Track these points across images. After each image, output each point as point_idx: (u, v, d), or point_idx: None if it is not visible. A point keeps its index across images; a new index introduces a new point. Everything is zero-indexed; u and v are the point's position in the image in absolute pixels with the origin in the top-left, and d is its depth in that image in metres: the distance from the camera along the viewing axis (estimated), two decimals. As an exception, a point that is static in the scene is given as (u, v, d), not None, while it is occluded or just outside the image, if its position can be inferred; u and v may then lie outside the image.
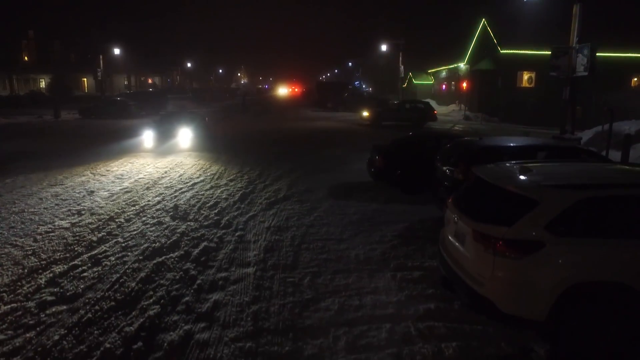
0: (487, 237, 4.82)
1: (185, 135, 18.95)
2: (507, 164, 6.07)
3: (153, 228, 8.84)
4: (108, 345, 4.98)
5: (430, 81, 57.65)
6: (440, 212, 9.20)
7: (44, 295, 6.12)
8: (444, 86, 52.46)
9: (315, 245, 8.03)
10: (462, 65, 44.87)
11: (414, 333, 5.27)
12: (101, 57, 37.19)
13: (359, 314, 5.71)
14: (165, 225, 8.98)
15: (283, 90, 68.82)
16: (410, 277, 6.75)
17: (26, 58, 52.58)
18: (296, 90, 75.51)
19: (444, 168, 9.00)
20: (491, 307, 4.79)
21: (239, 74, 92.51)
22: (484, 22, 40.95)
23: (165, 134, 18.88)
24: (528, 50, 36.22)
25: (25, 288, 6.32)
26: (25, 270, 6.89)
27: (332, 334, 5.23)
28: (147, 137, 18.69)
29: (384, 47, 44.79)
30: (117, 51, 42.72)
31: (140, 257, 7.41)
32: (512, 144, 8.90)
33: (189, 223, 9.17)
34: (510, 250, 4.66)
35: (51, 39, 51.81)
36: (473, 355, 4.85)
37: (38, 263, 7.17)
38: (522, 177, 5.25)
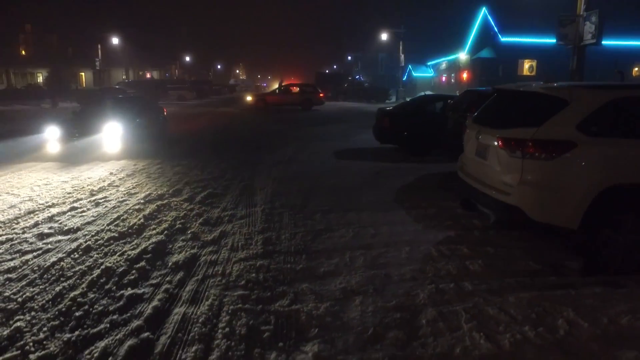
0: (515, 141, 4.51)
1: (112, 137, 11.19)
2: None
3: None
4: (109, 265, 4.66)
5: (429, 74, 57.36)
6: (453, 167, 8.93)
7: (41, 229, 5.80)
8: (443, 78, 52.14)
9: (325, 192, 7.70)
10: (462, 55, 44.58)
11: (436, 254, 4.96)
12: (99, 46, 36.81)
13: (375, 240, 5.40)
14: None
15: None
16: (426, 213, 6.44)
17: (23, 52, 52.16)
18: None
19: (456, 116, 8.70)
20: (520, 215, 4.48)
21: (237, 71, 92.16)
22: (484, 10, 40.70)
23: (79, 134, 11.43)
24: (529, 38, 35.96)
25: (21, 224, 5.99)
26: (22, 212, 6.57)
27: (348, 255, 4.92)
28: (50, 137, 11.48)
29: (384, 37, 44.42)
30: (115, 41, 42.42)
31: (142, 201, 7.09)
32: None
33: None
34: (540, 151, 4.35)
35: (49, 33, 51.46)
36: (499, 271, 4.53)
37: (35, 206, 6.84)
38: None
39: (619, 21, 33.09)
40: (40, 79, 51.20)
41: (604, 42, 15.37)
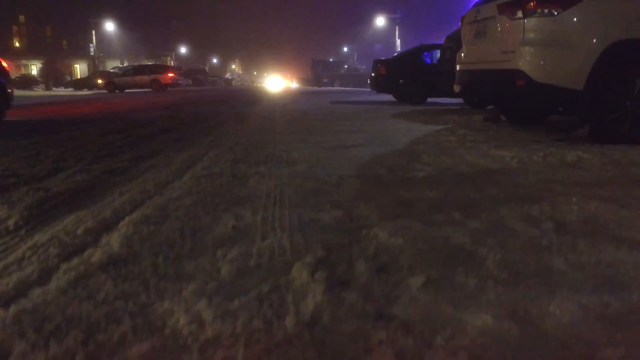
0: (515, 3, 4.30)
1: None
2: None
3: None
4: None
5: (426, 63, 57.21)
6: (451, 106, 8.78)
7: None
8: (440, 66, 51.98)
9: (320, 115, 7.49)
10: (458, 41, 44.42)
11: (434, 133, 4.76)
12: (93, 32, 36.52)
13: (371, 128, 5.20)
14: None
15: (275, 81, 47.79)
16: (424, 120, 6.25)
17: (17, 44, 51.85)
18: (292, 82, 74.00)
19: (452, 44, 8.50)
20: (523, 79, 4.25)
21: (233, 66, 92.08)
22: (479, -6, 40.59)
23: None
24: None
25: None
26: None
27: (344, 135, 4.69)
28: None
29: (380, 24, 44.36)
30: (109, 28, 42.17)
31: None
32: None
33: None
34: (542, 6, 4.13)
35: (43, 25, 51.15)
36: (503, 140, 4.31)
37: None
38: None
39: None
40: (34, 71, 50.89)
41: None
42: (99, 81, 30.33)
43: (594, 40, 4.06)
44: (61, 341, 0.99)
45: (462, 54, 5.51)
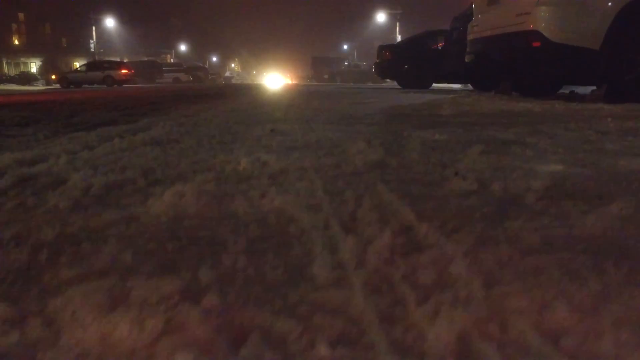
0: (533, -38, 4.27)
1: None
2: None
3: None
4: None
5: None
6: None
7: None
8: (440, 64, 51.95)
9: (325, 95, 7.46)
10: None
11: (447, 98, 4.71)
12: (94, 28, 36.49)
13: (380, 98, 5.17)
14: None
15: (274, 78, 48.50)
16: (428, 93, 6.22)
17: (16, 41, 51.77)
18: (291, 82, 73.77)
19: (458, 25, 8.48)
20: (539, 39, 4.23)
21: (232, 65, 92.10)
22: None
23: None
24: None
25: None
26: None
27: (356, 99, 4.67)
28: None
29: (381, 19, 44.33)
30: (109, 24, 42.10)
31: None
32: None
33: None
34: (560, -35, 4.10)
35: (42, 22, 51.06)
36: (519, 100, 4.27)
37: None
38: None
39: None
40: (33, 69, 50.74)
41: None
42: (53, 77, 29.84)
43: (612, -1, 4.03)
44: (121, 173, 0.95)
45: (474, 24, 5.48)
